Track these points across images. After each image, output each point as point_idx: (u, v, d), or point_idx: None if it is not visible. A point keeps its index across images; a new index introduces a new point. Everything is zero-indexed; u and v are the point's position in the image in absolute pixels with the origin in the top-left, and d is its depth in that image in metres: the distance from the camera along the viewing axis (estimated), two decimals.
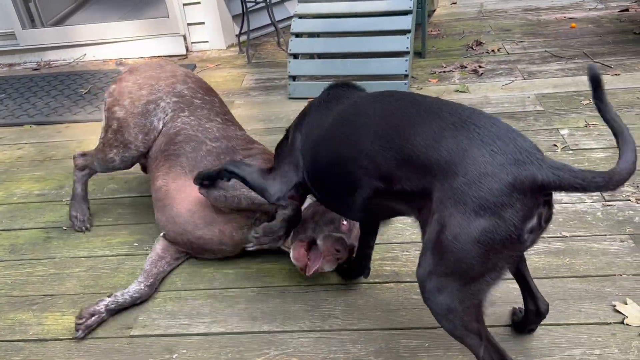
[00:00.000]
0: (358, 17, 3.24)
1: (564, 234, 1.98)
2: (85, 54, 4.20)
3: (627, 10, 4.00)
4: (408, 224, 2.12)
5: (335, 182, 1.51)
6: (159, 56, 4.14)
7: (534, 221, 1.18)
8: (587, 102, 2.84)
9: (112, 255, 2.16)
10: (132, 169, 2.65)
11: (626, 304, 1.67)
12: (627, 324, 1.61)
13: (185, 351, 1.70)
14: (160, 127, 2.12)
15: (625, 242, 1.91)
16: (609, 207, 2.09)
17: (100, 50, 4.19)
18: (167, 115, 2.13)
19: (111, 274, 2.06)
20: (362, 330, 1.71)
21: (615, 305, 1.67)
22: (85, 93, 3.60)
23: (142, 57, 4.15)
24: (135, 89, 2.14)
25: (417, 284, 1.79)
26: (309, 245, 1.79)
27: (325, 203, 1.67)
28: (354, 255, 1.84)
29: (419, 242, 1.98)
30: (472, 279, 1.22)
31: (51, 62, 4.21)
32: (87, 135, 3.11)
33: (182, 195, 1.98)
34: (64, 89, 3.68)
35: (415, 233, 2.07)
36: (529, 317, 1.58)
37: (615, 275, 1.78)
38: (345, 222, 1.82)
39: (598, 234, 1.97)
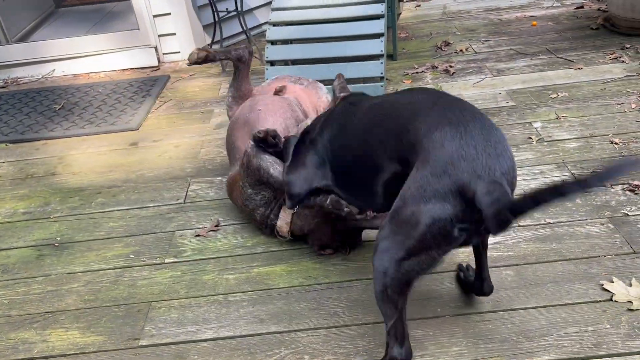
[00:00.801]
0: (332, 23, 3.31)
1: (549, 220, 2.09)
2: (54, 70, 4.14)
3: (582, 7, 4.21)
4: None
5: (361, 174, 1.67)
6: (130, 69, 4.11)
7: (466, 225, 1.34)
8: (555, 95, 2.99)
9: (109, 269, 2.16)
10: (121, 182, 2.65)
11: (612, 282, 1.78)
12: (615, 301, 1.72)
13: (196, 357, 1.73)
14: None
15: (605, 225, 2.04)
16: (587, 193, 2.22)
17: (70, 65, 4.13)
18: None
19: (111, 287, 2.06)
20: (368, 324, 1.77)
21: (602, 284, 1.78)
22: (59, 109, 3.55)
23: (113, 70, 4.12)
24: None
25: None
26: None
27: (350, 198, 1.82)
28: None
29: None
30: (412, 254, 1.38)
31: (19, 79, 4.13)
32: (67, 151, 3.08)
33: None
34: (37, 106, 3.62)
35: None
36: (474, 288, 1.76)
37: (599, 256, 1.90)
38: None
39: (580, 219, 2.09)
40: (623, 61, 3.26)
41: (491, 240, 2.03)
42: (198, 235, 2.27)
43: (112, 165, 2.89)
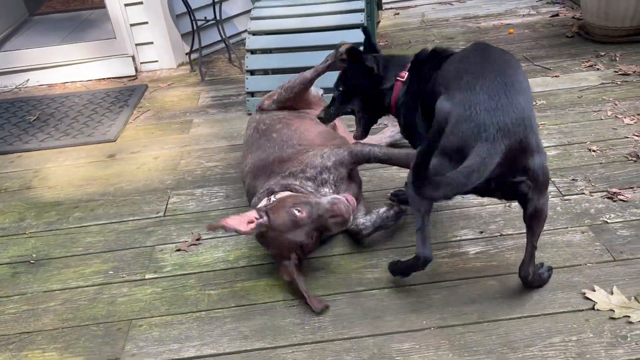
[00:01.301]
0: (311, 32, 3.30)
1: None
2: (28, 80, 4.05)
3: (557, 15, 4.28)
4: (386, 230, 2.19)
5: None
6: (107, 78, 4.05)
7: None
8: (534, 103, 3.02)
9: (88, 286, 2.10)
10: (99, 196, 2.60)
11: (594, 290, 1.80)
12: (597, 309, 1.74)
13: None
14: None
15: (586, 233, 2.06)
16: (567, 201, 2.24)
17: (45, 75, 4.05)
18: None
19: (89, 304, 2.01)
20: (353, 338, 1.75)
21: (584, 293, 1.79)
22: (34, 120, 3.48)
23: (90, 80, 4.05)
24: None
25: (400, 287, 1.88)
26: None
27: None
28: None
29: (397, 248, 2.08)
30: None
31: None
32: (43, 164, 3.01)
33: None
34: (10, 117, 3.54)
35: (394, 239, 2.15)
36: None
37: (580, 265, 1.92)
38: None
39: (560, 227, 2.10)
40: (598, 69, 3.32)
41: (474, 249, 2.04)
42: (179, 250, 2.23)
43: (89, 178, 2.83)
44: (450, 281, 1.92)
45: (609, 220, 2.10)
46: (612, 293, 1.78)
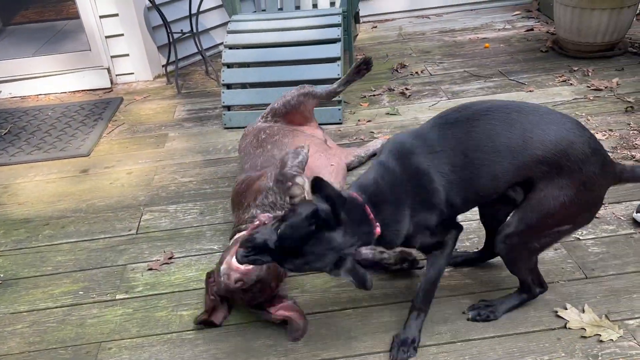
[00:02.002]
0: (289, 47, 3.30)
1: None
2: (0, 92, 3.97)
3: (532, 29, 4.34)
4: None
5: None
6: (82, 91, 3.99)
7: None
8: None
9: (56, 307, 2.05)
10: (70, 213, 2.55)
11: (566, 309, 1.81)
12: (569, 328, 1.75)
13: None
14: None
15: (559, 250, 2.07)
16: None
17: (18, 87, 3.98)
18: None
19: (58, 327, 1.96)
20: (327, 359, 1.74)
21: (557, 311, 1.80)
22: (4, 134, 3.41)
23: (64, 92, 3.99)
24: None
25: (375, 307, 1.87)
26: None
27: None
28: None
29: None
30: None
31: None
32: (12, 179, 2.95)
33: None
34: None
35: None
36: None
37: (553, 282, 1.93)
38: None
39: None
40: (571, 84, 3.37)
41: (448, 268, 2.04)
42: (151, 269, 2.19)
43: (61, 194, 2.78)
44: None
45: (581, 237, 2.12)
46: (583, 311, 1.79)
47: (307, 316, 1.90)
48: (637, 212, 2.13)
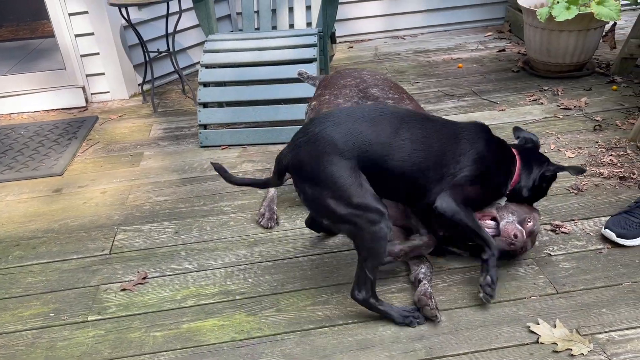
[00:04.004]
0: (265, 66, 3.32)
1: (478, 263, 2.13)
2: None
3: (504, 50, 4.45)
4: (335, 266, 2.18)
5: None
6: (56, 109, 3.96)
7: None
8: None
9: (26, 330, 2.01)
10: (42, 233, 2.51)
11: (538, 324, 1.83)
12: (541, 343, 1.77)
13: None
14: None
15: (530, 266, 2.10)
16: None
17: None
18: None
19: (27, 350, 1.91)
20: None
21: (529, 327, 1.83)
22: None
23: (37, 111, 3.95)
24: (332, 99, 2.40)
25: (351, 324, 1.87)
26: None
27: None
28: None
29: (346, 283, 2.07)
30: None
31: None
32: None
33: None
34: None
35: (342, 275, 2.14)
36: None
37: (525, 298, 1.95)
38: (530, 223, 2.04)
39: (506, 260, 2.15)
40: (542, 103, 3.45)
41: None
42: (124, 290, 2.16)
43: (32, 214, 2.73)
44: None
45: (552, 253, 2.16)
46: (555, 326, 1.82)
47: (283, 335, 1.89)
48: (605, 228, 2.18)
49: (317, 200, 1.74)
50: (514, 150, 2.05)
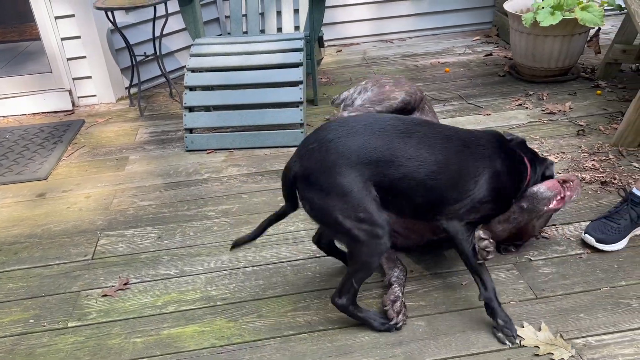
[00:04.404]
0: (252, 70, 3.32)
1: (459, 268, 2.14)
2: None
3: (490, 54, 4.47)
4: (317, 272, 2.19)
5: None
6: (42, 113, 3.94)
7: None
8: None
9: (5, 337, 2.00)
10: (24, 238, 2.50)
11: (522, 327, 1.83)
12: (523, 346, 1.77)
13: None
14: None
15: (510, 271, 2.12)
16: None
17: None
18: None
19: (5, 357, 1.90)
20: None
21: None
22: None
23: (23, 115, 3.93)
24: None
25: (330, 330, 1.87)
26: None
27: None
28: None
29: (329, 289, 2.08)
30: None
31: None
32: None
33: None
34: None
35: (325, 280, 2.15)
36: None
37: (505, 303, 1.96)
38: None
39: (487, 265, 2.15)
40: (527, 107, 3.47)
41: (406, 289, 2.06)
42: (105, 295, 2.16)
43: (15, 219, 2.72)
44: None
45: (532, 258, 2.17)
46: (539, 329, 1.82)
47: (263, 342, 1.89)
48: (585, 233, 2.20)
49: (324, 211, 1.70)
50: (519, 152, 1.97)
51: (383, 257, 2.09)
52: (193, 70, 3.37)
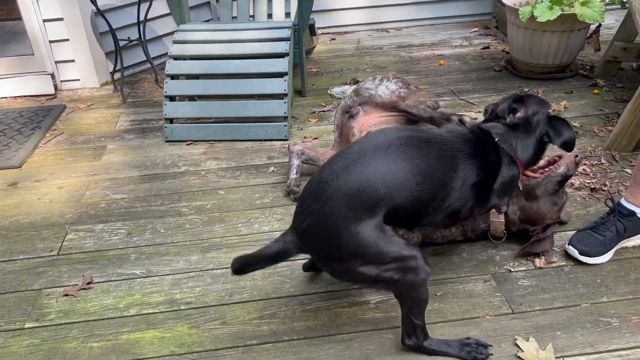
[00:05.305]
0: (236, 59, 3.20)
1: (436, 277, 2.05)
2: None
3: (488, 47, 4.33)
4: (287, 277, 2.10)
5: None
6: (24, 96, 3.84)
7: None
8: None
9: None
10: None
11: (527, 340, 1.75)
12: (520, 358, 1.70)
13: None
14: None
15: (488, 282, 2.03)
16: (473, 246, 2.21)
17: None
18: None
19: None
20: None
21: (516, 339, 1.76)
22: None
23: (3, 97, 3.83)
24: None
25: (296, 341, 1.79)
26: None
27: None
28: None
29: (297, 295, 1.99)
30: None
31: None
32: None
33: None
34: None
35: (294, 286, 2.06)
36: None
37: (479, 317, 1.88)
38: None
39: (464, 275, 2.07)
40: None
41: (375, 298, 1.98)
42: (67, 295, 2.08)
43: None
44: (347, 334, 1.84)
45: (512, 269, 2.08)
46: (544, 349, 1.74)
47: (224, 351, 1.81)
48: (569, 245, 2.10)
49: (347, 275, 1.58)
50: (495, 137, 1.78)
51: None
52: (175, 58, 3.25)
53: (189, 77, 3.34)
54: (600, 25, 3.53)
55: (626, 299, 1.92)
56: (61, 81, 3.93)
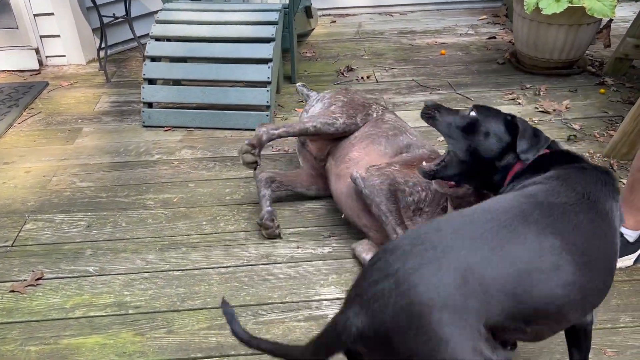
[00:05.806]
0: (220, 43, 3.04)
1: None
2: None
3: (494, 37, 4.11)
4: (246, 283, 1.98)
5: None
6: (7, 71, 3.72)
7: None
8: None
9: None
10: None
11: None
12: None
13: None
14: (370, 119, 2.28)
15: None
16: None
17: None
18: (377, 112, 2.30)
19: None
20: None
21: None
22: None
23: None
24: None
25: (242, 356, 1.68)
26: None
27: None
28: None
29: (252, 305, 1.87)
30: None
31: None
32: None
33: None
34: None
35: (251, 294, 1.94)
36: None
37: None
38: None
39: None
40: (519, 103, 3.16)
41: (335, 312, 1.85)
42: (13, 291, 1.98)
43: None
44: None
45: None
46: None
47: None
48: None
49: None
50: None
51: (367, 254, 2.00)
52: (157, 39, 3.10)
53: (172, 60, 3.19)
54: (611, 19, 3.30)
55: (604, 328, 1.77)
56: (46, 57, 3.81)
